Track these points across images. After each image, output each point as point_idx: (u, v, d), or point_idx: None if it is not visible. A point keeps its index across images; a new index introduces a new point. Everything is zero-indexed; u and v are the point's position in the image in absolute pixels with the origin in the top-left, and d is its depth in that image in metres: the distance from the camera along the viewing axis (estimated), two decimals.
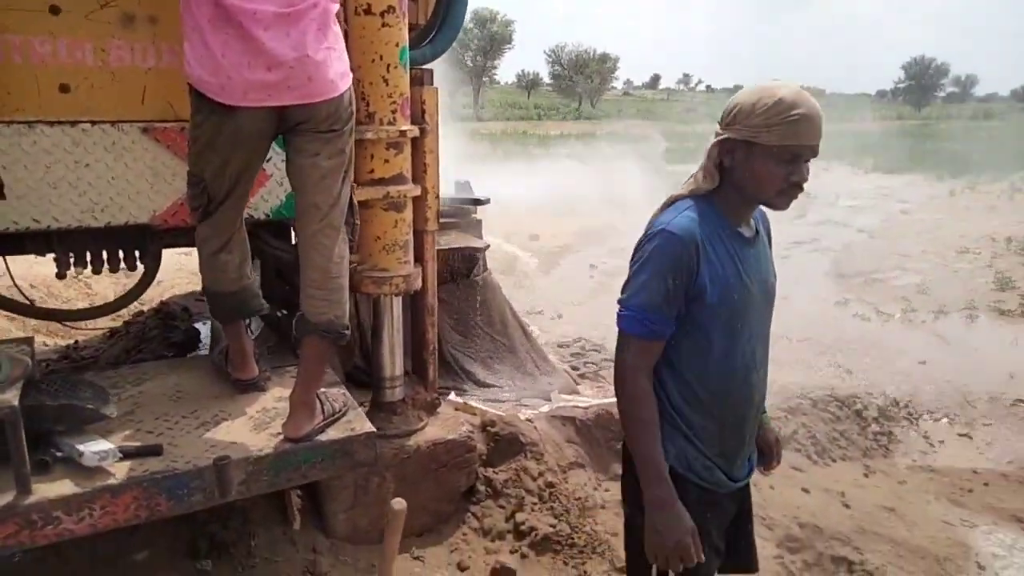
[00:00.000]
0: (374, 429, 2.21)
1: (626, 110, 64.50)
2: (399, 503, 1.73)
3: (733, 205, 1.66)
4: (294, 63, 1.82)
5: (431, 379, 3.07)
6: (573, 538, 2.87)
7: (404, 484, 2.78)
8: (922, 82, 73.47)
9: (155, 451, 1.97)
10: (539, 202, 12.78)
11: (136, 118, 2.19)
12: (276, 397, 2.33)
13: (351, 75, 2.02)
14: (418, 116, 2.75)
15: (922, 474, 3.91)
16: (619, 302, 1.65)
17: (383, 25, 2.53)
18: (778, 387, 4.52)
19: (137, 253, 2.48)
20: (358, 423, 2.21)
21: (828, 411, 4.14)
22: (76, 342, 4.64)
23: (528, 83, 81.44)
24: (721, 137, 1.59)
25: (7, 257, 2.56)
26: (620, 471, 3.26)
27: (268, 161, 2.30)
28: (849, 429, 4.10)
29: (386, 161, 2.63)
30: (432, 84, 2.80)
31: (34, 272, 5.29)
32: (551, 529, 2.86)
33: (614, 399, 3.52)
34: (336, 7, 1.96)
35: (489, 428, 3.09)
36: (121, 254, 2.46)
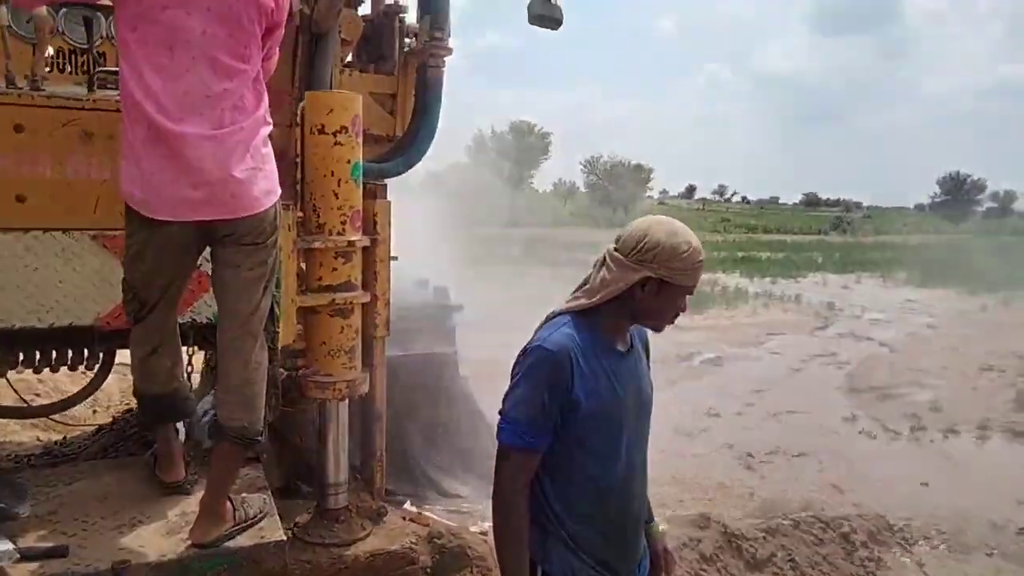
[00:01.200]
0: (283, 537, 2.19)
1: None
2: None
3: (615, 324, 1.72)
4: (217, 182, 1.94)
5: (378, 486, 3.05)
6: None
7: None
8: (958, 197, 73.43)
9: (61, 552, 1.98)
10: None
11: (87, 226, 2.33)
12: (199, 501, 2.33)
13: (277, 193, 2.13)
14: (370, 227, 2.87)
15: None
16: (499, 413, 1.67)
17: (335, 144, 2.68)
18: (759, 504, 4.36)
19: (85, 353, 2.57)
20: (269, 530, 2.19)
21: (811, 532, 3.96)
22: (64, 438, 4.71)
23: (564, 191, 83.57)
24: (642, 275, 1.62)
25: None
26: None
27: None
28: (833, 553, 3.89)
29: (334, 269, 2.72)
30: (386, 198, 2.93)
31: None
32: None
33: None
34: (266, 129, 2.10)
35: (435, 540, 3.02)
36: (69, 355, 2.55)
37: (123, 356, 2.79)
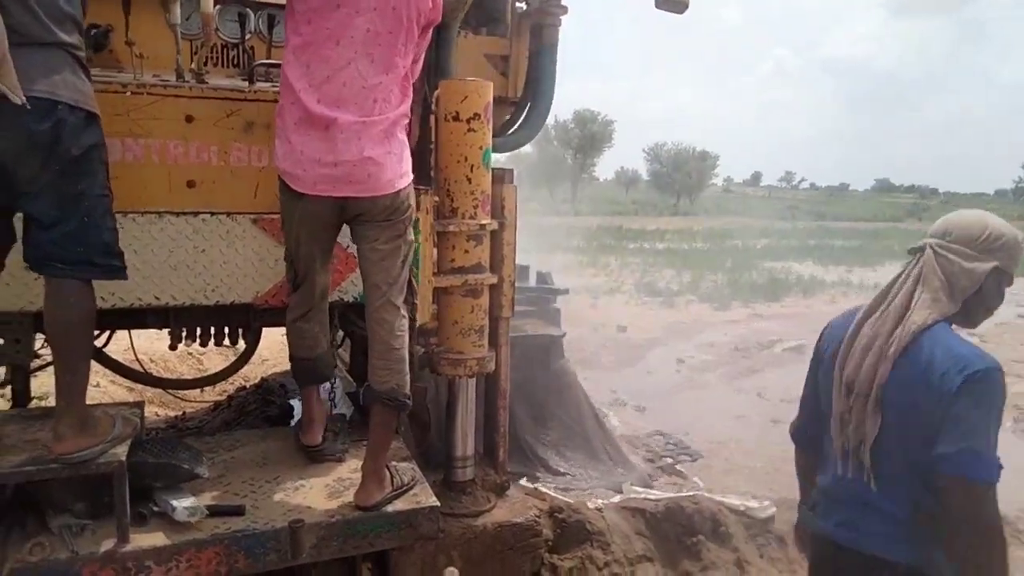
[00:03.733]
0: (438, 503, 2.32)
1: (725, 206, 64.23)
2: (452, 572, 1.82)
3: (957, 328, 1.72)
4: (357, 162, 2.12)
5: (501, 461, 3.16)
6: None
7: (470, 564, 2.83)
8: None
9: (238, 511, 2.15)
10: (629, 295, 12.86)
11: (248, 210, 2.49)
12: (352, 468, 2.48)
13: (410, 176, 2.29)
14: (498, 211, 2.96)
15: None
16: (971, 451, 1.54)
17: (468, 130, 2.79)
18: None
19: (240, 330, 2.75)
20: (424, 496, 2.32)
21: None
22: (184, 413, 5.00)
23: (627, 180, 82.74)
24: (991, 265, 1.66)
25: (131, 331, 2.89)
26: (688, 568, 3.22)
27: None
28: None
29: (466, 251, 2.83)
30: (512, 183, 3.01)
31: (154, 348, 5.78)
32: None
33: (688, 493, 3.49)
34: (405, 121, 2.27)
35: (556, 514, 3.12)
36: (226, 330, 2.74)
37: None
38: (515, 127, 3.48)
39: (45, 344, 2.08)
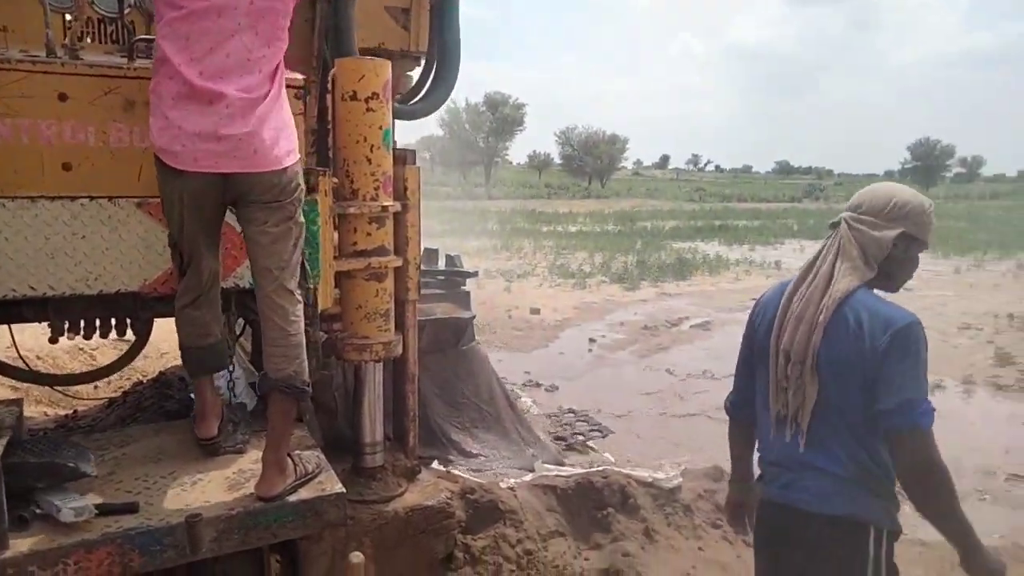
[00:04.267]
0: (344, 490, 2.27)
1: (635, 189, 65.70)
2: (356, 556, 1.79)
3: (881, 293, 1.84)
4: (243, 136, 2.04)
5: (411, 446, 3.14)
6: None
7: (382, 549, 2.81)
8: (928, 163, 74.58)
9: (131, 508, 2.05)
10: (543, 277, 13.00)
11: (132, 194, 2.35)
12: (253, 459, 2.40)
13: (297, 154, 2.20)
14: (400, 193, 2.91)
15: (912, 548, 3.86)
16: (908, 402, 1.66)
17: (367, 110, 2.72)
18: None
19: (128, 321, 2.61)
20: (329, 483, 2.28)
21: None
22: (75, 411, 4.73)
23: (539, 163, 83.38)
24: (898, 231, 1.78)
25: (11, 325, 2.70)
26: (599, 541, 3.29)
27: None
28: None
29: (368, 234, 2.78)
30: (415, 164, 2.97)
31: (41, 344, 5.45)
32: None
33: (596, 468, 3.56)
34: (286, 95, 2.20)
35: (468, 495, 3.13)
36: (113, 322, 2.59)
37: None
38: (424, 91, 3.42)
39: None
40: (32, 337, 4.78)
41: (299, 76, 2.54)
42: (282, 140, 2.10)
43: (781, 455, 1.87)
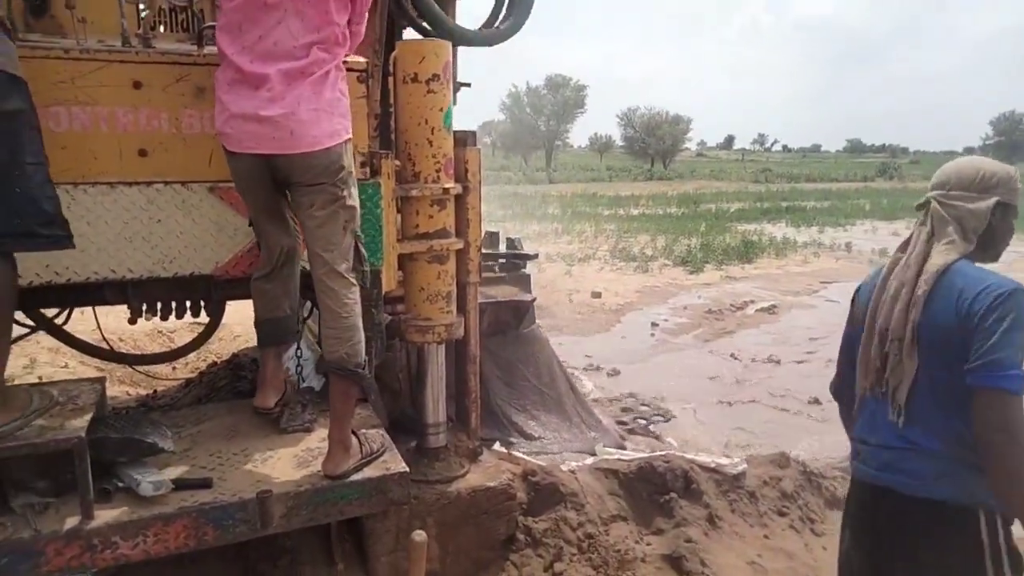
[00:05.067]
0: (407, 469, 2.31)
1: (699, 170, 64.40)
2: (419, 535, 1.81)
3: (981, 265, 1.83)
4: (280, 118, 2.07)
5: (473, 427, 3.16)
6: None
7: (445, 529, 2.85)
8: (1013, 137, 70.72)
9: (205, 484, 2.12)
10: (604, 261, 12.88)
11: (204, 178, 2.42)
12: (320, 438, 2.46)
13: (344, 135, 2.20)
14: (461, 175, 2.92)
15: None
16: (996, 362, 1.60)
17: (428, 92, 2.73)
18: (831, 444, 4.39)
19: (202, 303, 2.70)
20: (393, 463, 2.32)
21: None
22: (155, 391, 4.94)
23: (601, 146, 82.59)
24: (992, 200, 1.79)
25: (95, 308, 2.83)
26: (662, 526, 3.26)
27: None
28: None
29: (430, 216, 2.80)
30: (475, 145, 2.97)
31: (122, 326, 5.71)
32: None
33: (659, 453, 3.52)
34: (340, 77, 2.20)
35: (530, 477, 3.13)
36: (188, 303, 2.68)
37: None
38: (501, 17, 3.41)
39: None
40: (115, 320, 5.02)
41: (361, 59, 2.56)
42: (323, 121, 2.11)
43: (878, 434, 1.85)
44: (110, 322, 3.56)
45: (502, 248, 4.47)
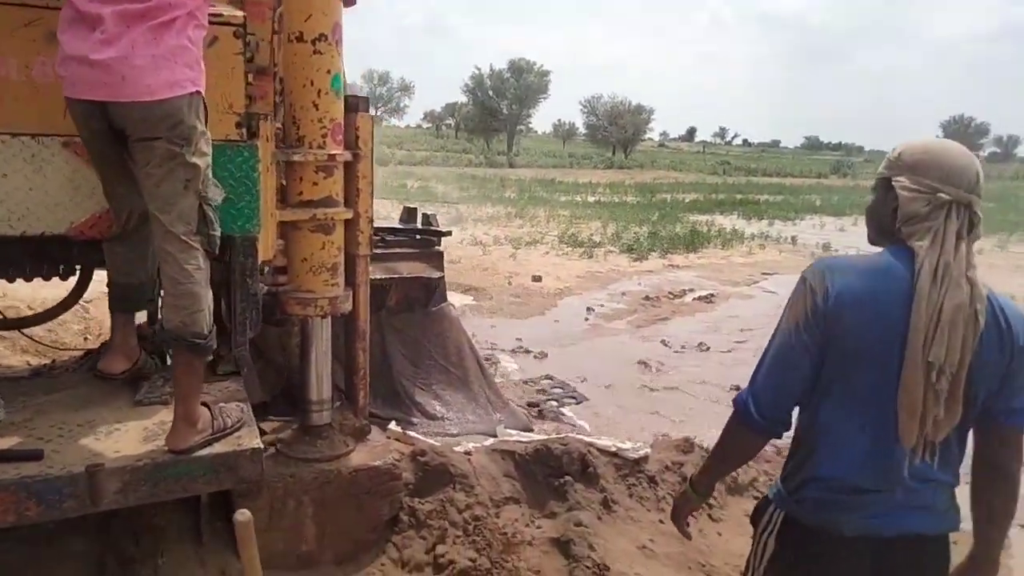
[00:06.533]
0: (261, 445, 2.20)
1: (660, 161, 64.82)
2: (242, 514, 1.70)
3: None
4: (112, 63, 1.90)
5: (361, 405, 3.06)
6: (492, 573, 2.79)
7: (324, 509, 2.75)
8: (962, 141, 72.58)
9: (35, 456, 1.98)
10: (551, 245, 12.84)
11: (57, 132, 2.26)
12: None
13: (189, 88, 2.01)
14: (352, 142, 2.80)
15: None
16: None
17: (314, 52, 2.60)
18: None
19: (58, 265, 2.53)
20: (247, 439, 2.20)
21: None
22: (53, 361, 4.72)
23: (564, 132, 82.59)
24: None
25: None
26: (555, 509, 3.21)
27: None
28: None
29: (315, 184, 2.67)
30: (368, 111, 2.85)
31: (38, 294, 5.45)
32: (470, 563, 2.80)
33: (558, 436, 3.46)
34: (193, 27, 2.02)
35: (419, 457, 3.05)
36: (43, 266, 2.51)
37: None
38: None
39: None
40: (34, 289, 4.78)
41: (239, 13, 2.41)
42: (162, 69, 1.95)
43: (888, 479, 1.53)
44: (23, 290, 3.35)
45: (418, 224, 4.35)
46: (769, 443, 1.74)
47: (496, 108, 57.63)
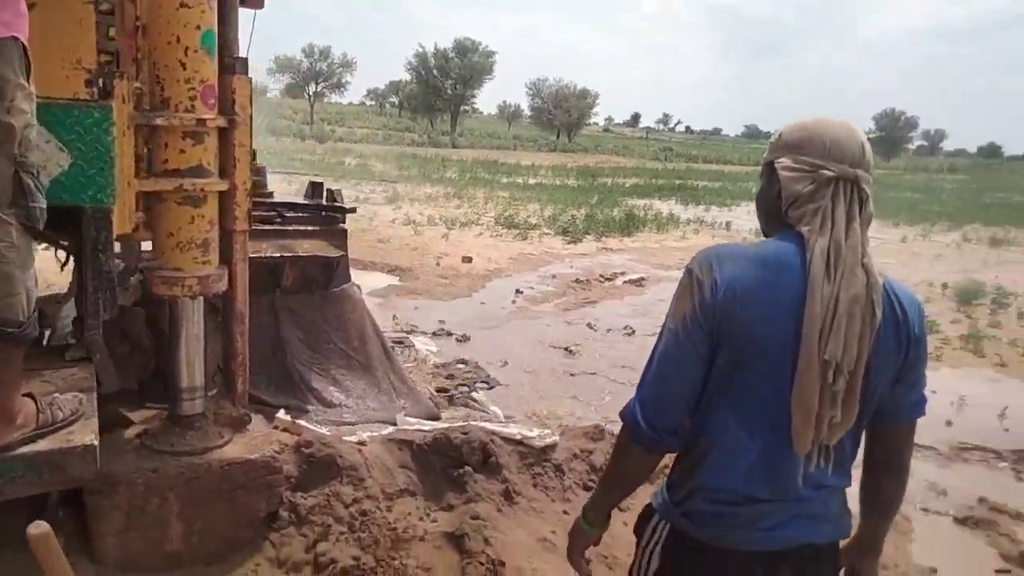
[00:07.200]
0: (94, 442, 1.96)
1: (603, 145, 65.11)
2: (36, 527, 1.47)
3: None
4: None
5: (239, 392, 2.84)
6: (376, 572, 2.63)
7: (191, 506, 2.54)
8: (892, 134, 75.20)
9: None
10: (486, 227, 12.66)
11: None
12: None
13: (1, 31, 1.71)
14: (227, 107, 2.55)
15: None
16: (924, 390, 1.46)
17: (181, 6, 2.35)
18: None
19: None
20: (80, 435, 1.97)
21: None
22: None
23: (509, 114, 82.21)
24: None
25: None
26: (452, 501, 3.06)
27: None
28: None
29: (181, 151, 2.43)
30: (246, 73, 2.60)
31: None
32: (353, 562, 2.62)
33: (458, 424, 3.29)
34: None
35: (303, 449, 2.85)
36: None
37: None
38: None
39: None
40: None
41: None
42: None
43: (782, 486, 1.39)
44: None
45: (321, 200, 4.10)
46: None
47: (440, 87, 56.86)
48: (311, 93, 59.54)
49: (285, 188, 7.54)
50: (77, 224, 2.31)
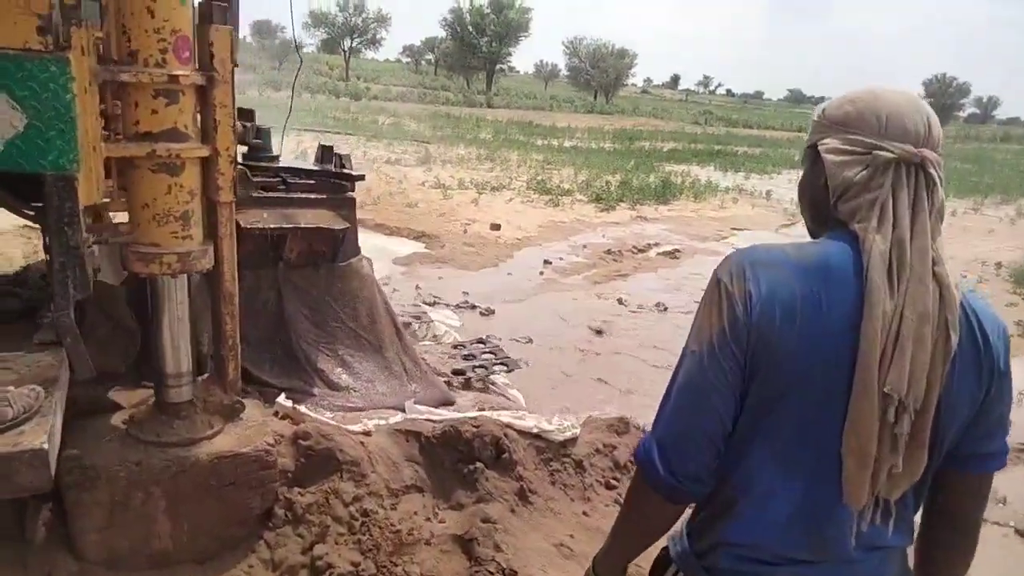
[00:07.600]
0: (44, 446, 1.72)
1: (641, 108, 63.65)
2: None
3: None
4: None
5: (230, 379, 2.60)
6: None
7: (178, 503, 2.33)
8: (942, 101, 72.34)
9: None
10: (517, 191, 12.31)
11: None
12: None
13: None
14: (205, 62, 2.26)
15: None
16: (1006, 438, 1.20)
17: None
18: None
19: None
20: (30, 437, 1.73)
21: None
22: None
23: (547, 74, 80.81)
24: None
25: None
26: (462, 500, 2.82)
27: None
28: None
29: (153, 112, 2.14)
30: (226, 23, 2.29)
31: None
32: (352, 568, 2.40)
33: (471, 415, 3.03)
34: None
35: (300, 441, 2.61)
36: None
37: None
38: None
39: None
40: None
41: None
42: None
43: (828, 546, 1.13)
44: None
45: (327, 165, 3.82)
46: None
47: (475, 45, 55.87)
48: (346, 49, 58.99)
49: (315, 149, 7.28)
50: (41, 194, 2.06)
